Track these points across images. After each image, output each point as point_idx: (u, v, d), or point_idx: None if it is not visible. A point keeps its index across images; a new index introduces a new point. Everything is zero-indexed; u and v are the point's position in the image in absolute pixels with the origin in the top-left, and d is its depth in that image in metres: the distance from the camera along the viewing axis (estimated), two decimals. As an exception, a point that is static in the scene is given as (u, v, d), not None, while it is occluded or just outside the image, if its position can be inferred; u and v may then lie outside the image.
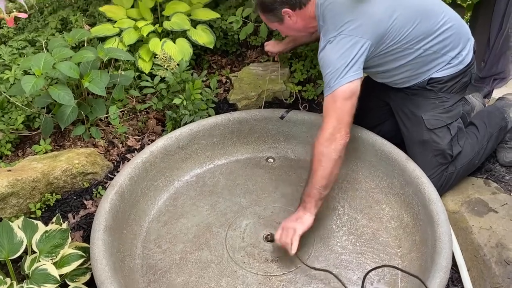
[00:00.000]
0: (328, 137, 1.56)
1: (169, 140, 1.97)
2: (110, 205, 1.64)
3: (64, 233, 1.52)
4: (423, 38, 1.66)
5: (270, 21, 1.78)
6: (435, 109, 1.77)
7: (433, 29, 1.66)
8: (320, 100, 2.55)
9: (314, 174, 1.58)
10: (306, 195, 1.61)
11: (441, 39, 1.69)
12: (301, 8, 1.68)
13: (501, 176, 1.91)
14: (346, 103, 1.57)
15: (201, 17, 2.71)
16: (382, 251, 1.66)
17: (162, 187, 1.95)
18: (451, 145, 1.77)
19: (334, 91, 1.56)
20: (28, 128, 2.25)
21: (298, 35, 1.88)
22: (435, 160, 1.77)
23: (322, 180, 1.57)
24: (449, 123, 1.78)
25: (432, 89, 1.77)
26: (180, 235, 1.76)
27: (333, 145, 1.56)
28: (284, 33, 1.86)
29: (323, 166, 1.56)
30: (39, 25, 2.99)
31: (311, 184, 1.59)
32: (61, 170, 1.90)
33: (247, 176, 2.04)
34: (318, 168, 1.57)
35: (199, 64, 2.91)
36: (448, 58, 1.73)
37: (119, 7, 2.78)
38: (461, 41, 1.74)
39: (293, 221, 1.59)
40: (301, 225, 1.57)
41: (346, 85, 1.55)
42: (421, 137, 1.79)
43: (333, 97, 1.57)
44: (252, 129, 2.14)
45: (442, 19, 1.68)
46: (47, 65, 1.96)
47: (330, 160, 1.56)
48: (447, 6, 1.75)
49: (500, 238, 1.57)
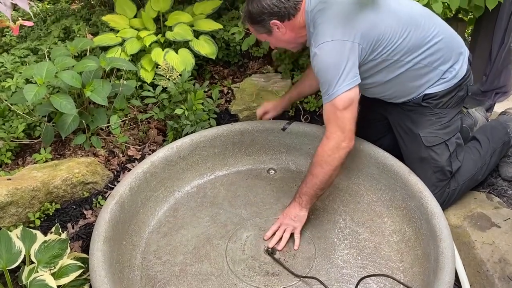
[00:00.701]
0: (333, 146, 1.58)
1: (170, 151, 1.96)
2: (110, 215, 1.62)
3: (63, 243, 1.51)
4: (414, 50, 1.64)
5: (258, 33, 1.76)
6: (432, 125, 1.76)
7: (423, 42, 1.64)
8: (322, 112, 2.54)
9: (313, 177, 1.64)
10: (303, 193, 1.68)
11: (432, 51, 1.66)
12: (290, 19, 1.66)
13: (504, 190, 1.90)
14: (346, 111, 1.56)
15: (203, 27, 2.72)
16: (384, 265, 1.64)
17: (163, 198, 1.93)
18: (450, 161, 1.76)
19: (333, 100, 1.55)
20: (28, 136, 2.24)
21: (288, 47, 1.84)
22: (434, 177, 1.76)
23: (321, 184, 1.64)
24: (447, 139, 1.76)
25: (427, 106, 1.75)
26: (180, 247, 1.74)
27: (337, 154, 1.58)
28: (273, 44, 1.83)
29: (324, 171, 1.61)
30: (42, 33, 3.00)
31: (310, 185, 1.65)
32: (61, 180, 1.89)
33: (248, 187, 2.03)
34: (319, 173, 1.62)
35: (201, 75, 2.91)
36: (440, 72, 1.70)
37: (122, 17, 2.79)
38: (453, 54, 1.71)
39: (291, 219, 1.70)
40: (300, 223, 1.71)
41: (344, 94, 1.53)
42: (419, 154, 1.78)
43: (333, 106, 1.56)
44: (253, 140, 2.14)
45: (432, 32, 1.66)
46: (49, 74, 1.96)
47: (332, 167, 1.60)
48: (438, 19, 1.74)
49: (503, 253, 1.55)
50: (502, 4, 2.18)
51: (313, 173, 1.63)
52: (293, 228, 1.70)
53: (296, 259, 1.66)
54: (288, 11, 1.64)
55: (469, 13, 2.54)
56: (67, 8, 3.59)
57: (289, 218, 1.70)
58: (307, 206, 1.70)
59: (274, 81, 2.69)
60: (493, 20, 2.30)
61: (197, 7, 2.86)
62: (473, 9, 2.20)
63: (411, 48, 1.63)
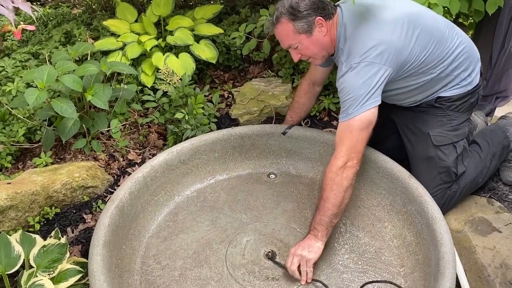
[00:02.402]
0: (340, 165, 1.55)
1: (171, 155, 1.96)
2: (109, 219, 1.62)
3: (62, 247, 1.51)
4: (439, 61, 1.65)
5: (296, 32, 1.63)
6: (442, 126, 1.77)
7: (449, 52, 1.65)
8: (322, 116, 2.55)
9: (325, 202, 1.56)
10: (316, 223, 1.58)
11: (455, 60, 1.68)
12: (330, 19, 1.64)
13: (505, 195, 1.90)
14: (362, 133, 1.56)
15: (204, 32, 2.73)
16: (385, 270, 1.64)
17: (163, 202, 1.93)
18: (456, 163, 1.76)
19: (351, 119, 1.54)
20: (29, 140, 2.24)
21: (319, 55, 1.73)
22: (439, 178, 1.76)
23: (333, 208, 1.56)
24: (456, 141, 1.77)
25: (440, 107, 1.76)
26: (179, 251, 1.73)
27: (345, 173, 1.55)
28: (305, 50, 1.69)
29: (334, 194, 1.55)
30: (43, 38, 3.01)
31: (322, 212, 1.57)
32: (61, 184, 1.88)
33: (248, 192, 2.02)
34: (329, 196, 1.56)
35: (201, 79, 2.91)
36: (459, 79, 1.72)
37: (122, 21, 2.80)
38: (472, 62, 1.74)
39: (305, 250, 1.56)
40: (313, 255, 1.55)
41: (364, 114, 1.53)
42: (427, 153, 1.78)
43: (349, 126, 1.55)
44: (253, 145, 2.13)
45: (456, 41, 1.67)
46: (51, 78, 1.96)
47: (341, 188, 1.55)
48: (458, 28, 1.75)
49: (504, 258, 1.54)
50: (502, 9, 2.18)
51: (324, 198, 1.57)
52: (306, 260, 1.54)
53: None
54: (330, 10, 1.63)
55: (469, 17, 2.55)
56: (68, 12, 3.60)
57: (301, 248, 1.56)
58: (322, 238, 1.57)
59: (274, 85, 2.69)
60: (493, 24, 2.30)
61: (197, 12, 2.86)
62: (473, 14, 2.20)
63: (437, 60, 1.64)
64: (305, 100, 2.13)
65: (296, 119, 2.17)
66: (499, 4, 2.08)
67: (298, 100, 2.14)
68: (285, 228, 1.81)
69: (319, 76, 2.05)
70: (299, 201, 1.95)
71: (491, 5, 2.08)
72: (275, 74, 2.84)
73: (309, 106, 2.16)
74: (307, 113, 2.21)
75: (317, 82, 2.08)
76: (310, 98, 2.13)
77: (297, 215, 1.88)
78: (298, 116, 2.17)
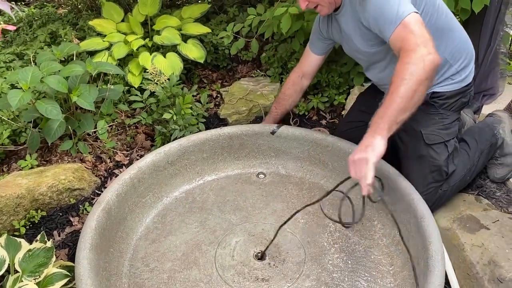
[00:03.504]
0: (417, 57, 1.35)
1: (158, 156, 1.94)
2: (96, 222, 1.59)
3: (48, 251, 1.48)
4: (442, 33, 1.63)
5: None
6: (434, 124, 1.77)
7: (449, 27, 1.65)
8: (311, 115, 2.54)
9: (393, 94, 1.35)
10: (379, 117, 1.38)
11: (454, 41, 1.67)
12: None
13: (492, 192, 1.91)
14: (420, 25, 1.42)
15: (191, 31, 2.71)
16: (374, 269, 1.64)
17: (151, 204, 1.91)
18: (447, 162, 1.76)
19: (404, 19, 1.42)
20: (14, 142, 2.20)
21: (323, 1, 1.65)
22: (430, 177, 1.76)
23: (402, 101, 1.34)
24: (447, 140, 1.77)
25: (433, 104, 1.76)
26: (168, 253, 1.72)
27: (422, 64, 1.34)
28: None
29: (407, 84, 1.33)
30: (28, 38, 2.97)
31: (388, 105, 1.36)
32: (46, 186, 1.86)
33: (237, 192, 2.01)
34: (399, 88, 1.34)
35: (189, 79, 2.90)
36: (453, 70, 1.72)
37: (109, 21, 2.77)
38: (468, 56, 1.74)
39: (362, 151, 1.37)
40: (373, 153, 1.35)
41: (413, 13, 1.43)
42: (418, 152, 1.78)
43: (405, 25, 1.42)
44: (242, 145, 2.12)
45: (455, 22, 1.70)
46: (35, 79, 1.93)
47: (416, 78, 1.33)
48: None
49: (493, 255, 1.55)
50: (488, 7, 2.20)
51: (392, 91, 1.35)
52: (366, 160, 1.35)
53: (286, 264, 1.65)
54: None
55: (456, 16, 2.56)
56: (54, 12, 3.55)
57: (359, 150, 1.38)
58: (382, 131, 1.35)
59: (263, 84, 2.69)
60: (480, 23, 2.32)
61: (185, 11, 2.85)
62: (460, 12, 2.21)
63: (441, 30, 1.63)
64: (291, 92, 2.12)
65: (281, 111, 2.16)
66: (485, 2, 2.09)
67: (284, 91, 2.14)
68: (274, 228, 1.80)
69: (311, 66, 2.05)
70: (289, 201, 1.95)
71: (477, 4, 2.10)
72: (264, 74, 2.83)
73: (295, 99, 2.15)
74: (292, 106, 2.20)
75: (307, 74, 2.08)
76: (297, 90, 2.12)
77: (286, 215, 1.86)
78: (283, 108, 2.16)
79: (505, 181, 1.95)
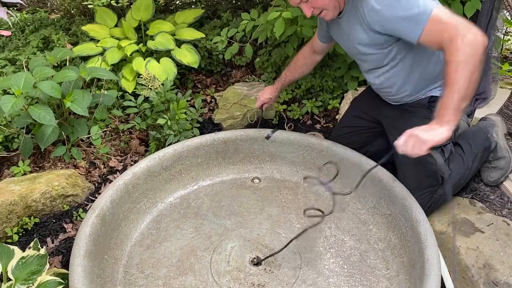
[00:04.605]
0: (465, 39, 1.33)
1: (153, 161, 1.93)
2: (90, 229, 1.58)
3: (41, 259, 1.46)
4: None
5: None
6: None
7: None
8: (305, 119, 2.55)
9: (453, 84, 1.35)
10: (442, 108, 1.38)
11: None
12: None
13: (486, 195, 1.92)
14: (450, 14, 1.40)
15: (185, 36, 2.71)
16: (370, 273, 1.63)
17: (145, 210, 1.90)
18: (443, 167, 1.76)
19: (431, 15, 1.40)
20: (6, 149, 2.18)
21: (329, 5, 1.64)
22: (426, 182, 1.76)
23: (462, 89, 1.35)
24: (444, 145, 1.77)
25: (431, 110, 1.75)
26: (163, 260, 1.70)
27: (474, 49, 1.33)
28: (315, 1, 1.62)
29: (463, 73, 1.34)
30: (20, 43, 2.95)
31: (450, 96, 1.36)
32: (40, 193, 1.84)
33: (232, 197, 2.00)
34: (458, 76, 1.34)
35: (183, 84, 2.89)
36: None
37: (102, 26, 2.76)
38: None
39: (426, 131, 1.37)
40: (433, 137, 1.36)
41: (436, 7, 1.42)
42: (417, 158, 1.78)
43: (434, 20, 1.41)
44: (237, 149, 2.12)
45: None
46: (28, 85, 1.92)
47: (471, 66, 1.33)
48: None
49: (488, 258, 1.56)
50: (480, 12, 2.22)
51: (451, 81, 1.35)
52: (421, 141, 1.37)
53: (282, 269, 1.64)
54: None
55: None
56: (46, 17, 3.53)
57: (422, 129, 1.38)
58: (449, 122, 1.36)
59: (257, 89, 2.69)
60: (472, 27, 2.33)
61: (178, 16, 2.85)
62: (452, 17, 2.23)
63: None
64: (302, 64, 2.13)
65: (290, 78, 2.19)
66: (477, 7, 2.11)
67: (296, 62, 2.15)
68: (270, 233, 1.80)
69: (320, 48, 2.07)
70: (284, 206, 1.94)
71: (469, 8, 2.12)
72: (258, 78, 2.83)
73: (305, 71, 2.16)
74: (301, 77, 2.23)
75: (317, 51, 2.09)
76: (308, 64, 2.13)
77: (282, 220, 1.87)
78: (293, 76, 2.18)
79: (499, 184, 1.96)
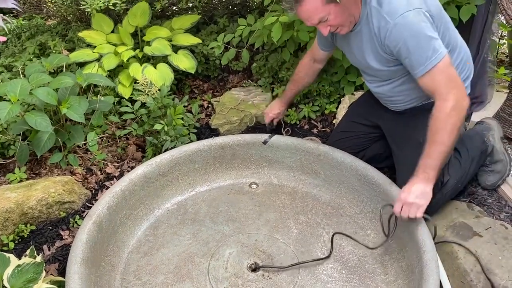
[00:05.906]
0: (453, 106, 1.50)
1: (150, 167, 1.92)
2: (87, 236, 1.57)
3: (38, 266, 1.45)
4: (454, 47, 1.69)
5: (325, 3, 1.54)
6: None
7: (456, 42, 1.70)
8: (302, 124, 2.55)
9: (439, 145, 1.53)
10: (428, 167, 1.55)
11: (459, 54, 1.72)
12: None
13: (484, 199, 1.92)
14: (450, 68, 1.54)
15: (182, 42, 2.71)
16: (369, 278, 1.63)
17: (142, 216, 1.89)
18: (443, 172, 1.76)
19: (441, 61, 1.52)
20: (2, 156, 2.17)
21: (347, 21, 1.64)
22: None
23: (446, 150, 1.53)
24: None
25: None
26: (160, 266, 1.69)
27: (459, 114, 1.52)
28: (333, 20, 1.60)
29: (449, 136, 1.52)
30: (16, 50, 2.94)
31: (436, 155, 1.54)
32: (36, 200, 1.83)
33: (230, 202, 2.00)
34: (444, 139, 1.52)
35: (180, 89, 2.89)
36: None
37: (98, 32, 2.76)
38: (469, 68, 1.79)
39: (417, 197, 1.54)
40: (426, 201, 1.55)
41: (446, 56, 1.53)
42: (416, 161, 1.76)
43: (440, 68, 1.52)
44: (234, 155, 2.11)
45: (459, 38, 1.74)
46: (24, 91, 1.91)
47: (455, 128, 1.52)
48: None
49: (486, 262, 1.55)
50: (476, 16, 2.23)
51: (437, 141, 1.53)
52: (417, 206, 1.55)
53: (279, 275, 1.64)
54: None
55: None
56: (43, 24, 3.52)
57: (414, 195, 1.54)
58: (433, 181, 1.56)
59: (254, 94, 2.69)
60: (467, 31, 2.34)
61: (175, 22, 2.84)
62: (448, 21, 2.24)
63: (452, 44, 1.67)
64: (303, 75, 2.15)
65: (295, 91, 2.23)
66: (472, 11, 2.12)
67: (297, 74, 2.17)
68: (268, 239, 1.79)
69: (322, 57, 2.08)
70: (282, 211, 1.94)
71: (465, 13, 2.12)
72: (255, 84, 2.83)
73: (308, 80, 2.18)
74: (305, 87, 2.28)
75: (318, 60, 2.10)
76: (309, 74, 2.15)
77: (279, 225, 1.86)
78: (297, 88, 2.22)
79: (496, 188, 1.96)
